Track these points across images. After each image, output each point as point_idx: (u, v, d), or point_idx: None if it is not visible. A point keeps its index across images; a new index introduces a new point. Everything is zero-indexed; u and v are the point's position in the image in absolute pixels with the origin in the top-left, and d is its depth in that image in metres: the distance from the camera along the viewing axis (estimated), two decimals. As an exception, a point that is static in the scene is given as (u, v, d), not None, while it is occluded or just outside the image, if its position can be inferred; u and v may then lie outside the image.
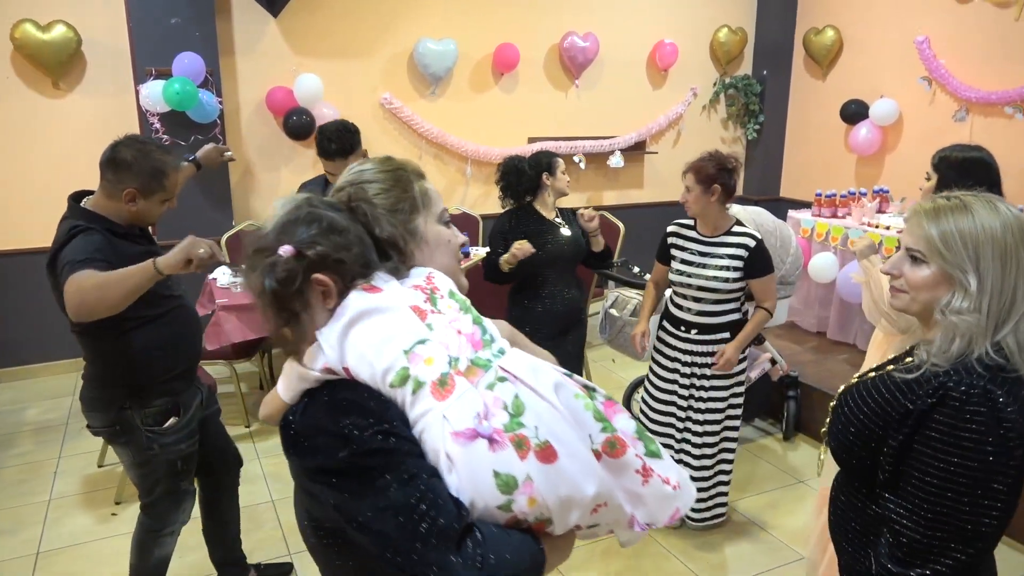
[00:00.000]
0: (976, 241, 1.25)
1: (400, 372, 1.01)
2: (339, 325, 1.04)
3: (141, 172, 2.10)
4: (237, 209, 5.12)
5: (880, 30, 5.82)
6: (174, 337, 2.24)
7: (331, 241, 1.05)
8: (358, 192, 1.18)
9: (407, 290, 1.10)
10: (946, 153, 2.55)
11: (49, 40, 4.41)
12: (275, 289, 1.02)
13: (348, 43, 5.24)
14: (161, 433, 2.22)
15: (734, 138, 6.87)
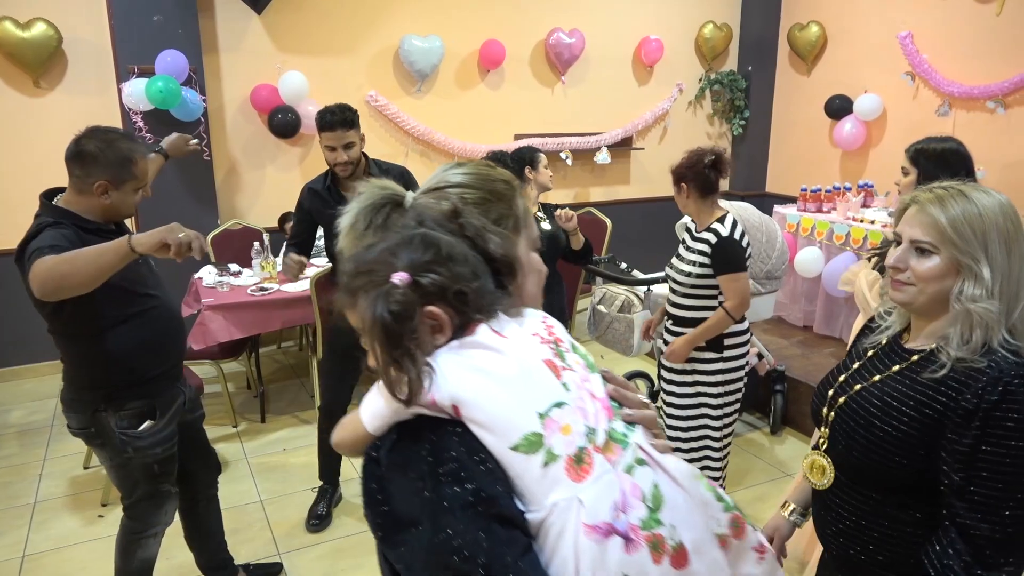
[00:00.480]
0: (983, 227, 1.25)
1: (529, 438, 0.86)
2: (460, 357, 0.90)
3: (109, 163, 2.04)
4: (222, 208, 5.08)
5: (864, 25, 5.86)
6: (151, 338, 2.19)
7: (450, 271, 0.91)
8: (462, 203, 1.01)
9: (532, 338, 0.95)
10: (922, 146, 2.56)
11: (29, 38, 4.35)
12: (388, 322, 0.87)
13: (333, 40, 5.22)
14: (136, 436, 2.18)
15: (720, 134, 6.90)
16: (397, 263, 0.90)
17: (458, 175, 1.05)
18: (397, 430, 0.90)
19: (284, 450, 3.81)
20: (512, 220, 1.05)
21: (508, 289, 0.97)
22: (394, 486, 0.88)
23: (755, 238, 3.71)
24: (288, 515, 3.25)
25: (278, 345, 5.36)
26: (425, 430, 0.88)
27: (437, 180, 1.07)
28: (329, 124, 2.92)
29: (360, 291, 0.91)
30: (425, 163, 5.72)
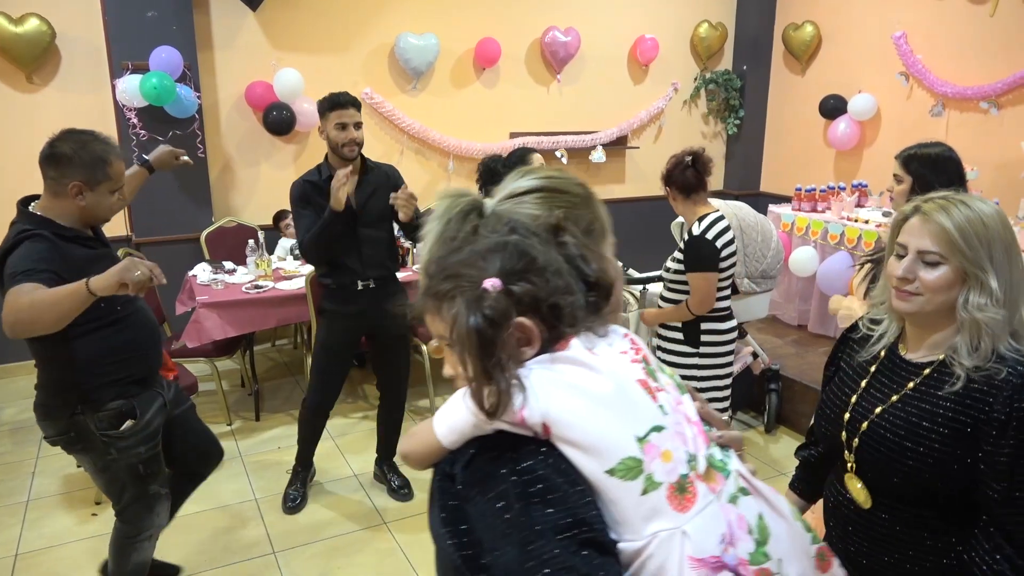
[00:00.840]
0: (988, 236, 1.27)
1: (628, 462, 0.82)
2: (553, 373, 0.84)
3: (83, 163, 2.03)
4: (217, 205, 5.06)
5: (858, 25, 5.87)
6: (126, 343, 2.18)
7: (545, 281, 0.85)
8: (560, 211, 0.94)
9: (621, 356, 0.89)
10: (913, 152, 2.53)
11: (22, 33, 4.32)
12: (483, 329, 0.81)
13: (328, 37, 5.20)
14: (118, 436, 2.16)
15: (714, 133, 6.91)
16: (488, 269, 0.85)
17: (533, 181, 0.98)
18: (475, 445, 0.85)
19: (279, 448, 3.80)
20: (599, 225, 0.99)
21: (600, 307, 0.90)
22: (473, 506, 0.82)
23: (751, 237, 3.72)
24: (283, 514, 3.25)
25: (272, 343, 5.34)
26: (506, 447, 0.83)
27: (513, 187, 0.99)
28: (341, 103, 2.96)
29: (446, 296, 0.85)
30: (420, 161, 5.71)
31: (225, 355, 4.11)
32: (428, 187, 5.78)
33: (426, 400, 4.37)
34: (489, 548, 0.80)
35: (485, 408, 0.81)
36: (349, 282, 3.10)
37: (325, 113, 2.98)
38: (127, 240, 4.76)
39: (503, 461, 0.82)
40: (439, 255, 0.90)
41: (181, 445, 2.46)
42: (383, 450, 3.48)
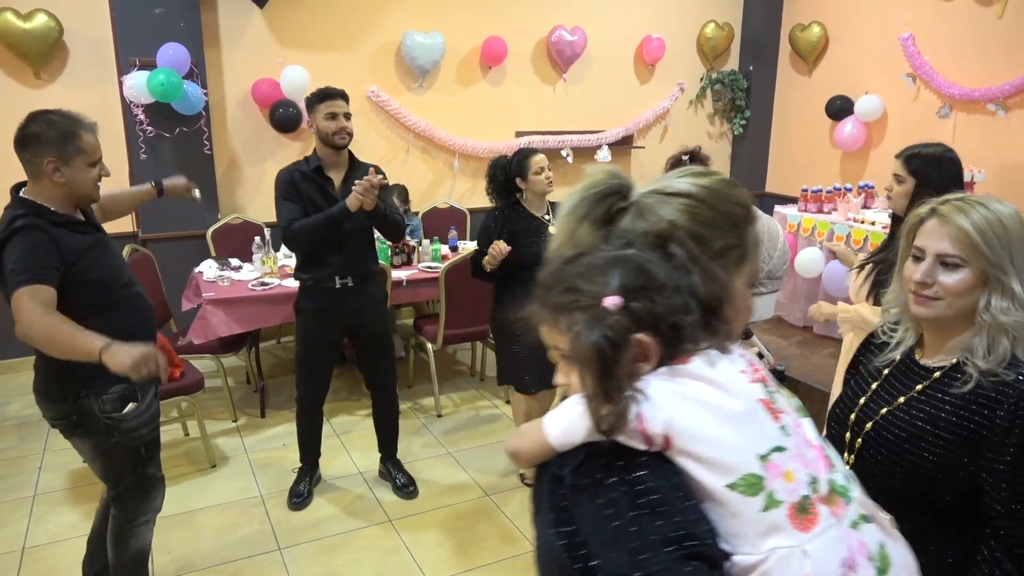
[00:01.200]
0: (1008, 238, 1.25)
1: (749, 479, 0.82)
2: (676, 385, 0.84)
3: (51, 139, 2.03)
4: (223, 202, 5.07)
5: (865, 26, 5.86)
6: (129, 326, 2.18)
7: (665, 299, 0.84)
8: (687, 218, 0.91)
9: (741, 376, 0.88)
10: (916, 151, 2.50)
11: (30, 29, 4.34)
12: (604, 349, 0.81)
13: (335, 35, 5.20)
14: (121, 419, 2.18)
15: (720, 133, 6.90)
16: (609, 285, 0.83)
17: (690, 184, 0.93)
18: (585, 450, 0.84)
19: (284, 445, 3.81)
20: (738, 252, 0.93)
21: (716, 326, 0.88)
22: (581, 511, 0.82)
23: (757, 238, 3.71)
24: (288, 510, 3.25)
25: (278, 340, 5.35)
26: (616, 456, 0.82)
27: (666, 183, 0.95)
28: (330, 94, 3.00)
29: (564, 310, 0.85)
30: (425, 159, 5.71)
31: (231, 352, 4.13)
32: (433, 185, 5.79)
33: (430, 398, 4.37)
34: (597, 552, 0.80)
35: (602, 427, 0.81)
36: (327, 279, 3.10)
37: (314, 105, 3.01)
38: (134, 236, 4.77)
39: (613, 469, 0.82)
40: (556, 266, 0.88)
41: None
42: (384, 449, 3.49)
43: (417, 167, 5.68)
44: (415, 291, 4.34)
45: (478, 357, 4.89)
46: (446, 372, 4.90)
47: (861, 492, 0.92)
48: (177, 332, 4.27)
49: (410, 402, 4.41)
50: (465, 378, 4.86)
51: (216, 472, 3.58)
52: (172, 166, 4.74)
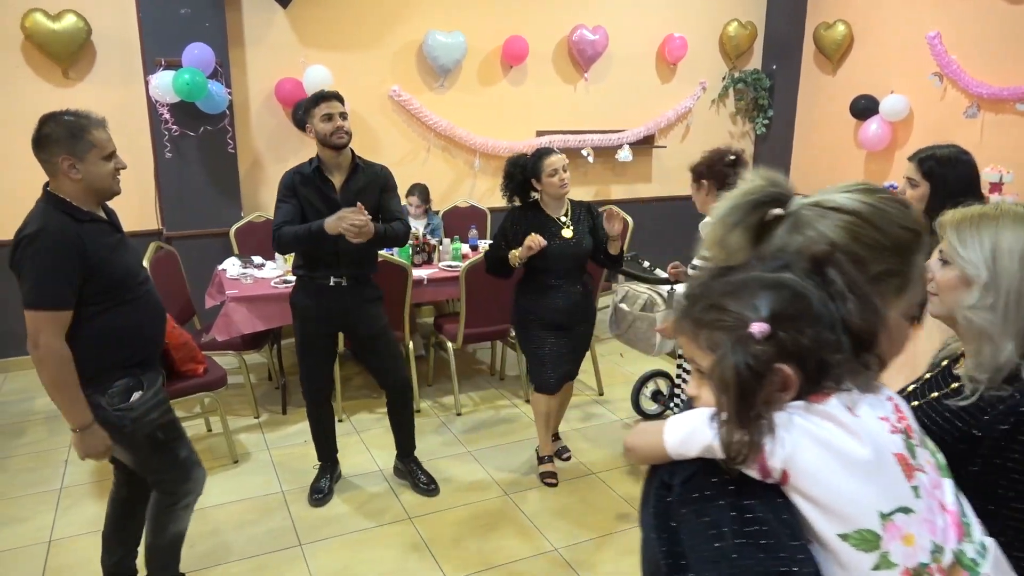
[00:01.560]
0: (995, 241, 1.22)
1: (864, 534, 0.78)
2: (807, 423, 0.80)
3: (62, 137, 2.09)
4: (246, 201, 5.12)
5: (891, 25, 5.79)
6: (133, 325, 2.23)
7: (816, 334, 0.79)
8: (847, 237, 0.85)
9: (881, 423, 0.83)
10: (930, 153, 2.45)
11: (59, 30, 4.41)
12: (745, 376, 0.78)
13: (357, 35, 5.24)
14: (129, 408, 2.22)
15: (742, 133, 6.85)
16: (758, 309, 0.80)
17: (855, 200, 0.88)
18: (698, 464, 0.82)
19: (305, 442, 3.83)
20: (898, 280, 0.88)
21: (867, 361, 0.83)
22: (684, 523, 0.81)
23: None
24: (309, 507, 3.28)
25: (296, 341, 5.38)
26: (729, 478, 0.80)
27: (829, 197, 0.90)
28: (324, 96, 3.03)
29: (707, 326, 0.82)
30: (446, 159, 5.73)
31: (253, 349, 4.16)
32: (453, 185, 5.80)
33: (450, 397, 4.38)
34: (694, 567, 0.79)
35: (731, 453, 0.79)
36: (321, 276, 3.11)
37: (310, 110, 3.02)
38: (158, 234, 4.83)
39: (724, 491, 0.80)
40: (705, 279, 0.86)
41: None
42: (400, 447, 3.50)
43: (438, 166, 5.70)
44: (435, 290, 4.35)
45: (498, 356, 4.89)
46: (466, 371, 4.91)
47: (996, 567, 0.87)
48: (200, 329, 4.33)
49: (430, 400, 4.42)
50: (485, 377, 4.87)
51: (238, 468, 3.61)
52: (197, 164, 4.80)
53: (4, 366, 4.82)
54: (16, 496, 3.34)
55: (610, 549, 3.02)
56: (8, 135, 4.41)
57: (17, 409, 4.27)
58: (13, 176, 4.43)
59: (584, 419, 4.21)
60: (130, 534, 2.60)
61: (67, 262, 2.06)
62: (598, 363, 4.58)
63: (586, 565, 2.91)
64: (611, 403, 4.42)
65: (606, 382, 4.62)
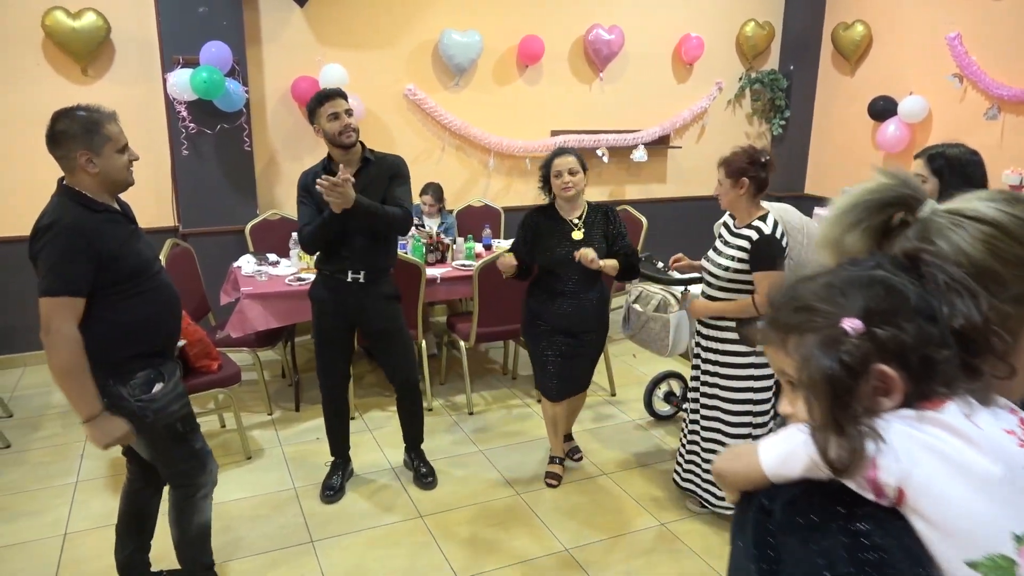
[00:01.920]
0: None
1: (998, 560, 0.71)
2: (922, 435, 0.73)
3: (78, 132, 2.12)
4: (262, 198, 5.15)
5: (910, 25, 5.73)
6: (149, 316, 2.26)
7: (918, 329, 0.73)
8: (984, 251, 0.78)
9: (1007, 436, 0.75)
10: (939, 151, 2.41)
11: (79, 28, 4.45)
12: (837, 376, 0.72)
13: (373, 33, 5.25)
14: (151, 399, 2.25)
15: (759, 133, 6.81)
16: (848, 306, 0.75)
17: (998, 211, 0.79)
18: (800, 486, 0.76)
19: (318, 439, 3.85)
20: None
21: (979, 367, 0.75)
22: (786, 551, 0.75)
23: (796, 239, 3.65)
24: (321, 503, 3.29)
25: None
26: (837, 499, 0.74)
27: (967, 204, 0.82)
28: (328, 95, 3.03)
29: (794, 330, 0.77)
30: (460, 157, 5.73)
31: (267, 346, 4.18)
32: (467, 184, 5.80)
33: (462, 396, 4.38)
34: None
35: (831, 462, 0.72)
36: (339, 272, 3.13)
37: (316, 110, 3.03)
38: (175, 231, 4.86)
39: (832, 515, 0.74)
40: (790, 284, 0.81)
41: None
42: (407, 440, 3.53)
43: (452, 165, 5.71)
44: (449, 289, 4.36)
45: (510, 356, 4.89)
46: (478, 370, 4.91)
47: None
48: (215, 325, 4.35)
49: (442, 399, 4.43)
50: (497, 376, 4.87)
51: (251, 464, 3.64)
52: (213, 162, 4.83)
53: (22, 360, 4.88)
54: (32, 489, 3.38)
55: (621, 550, 3.01)
56: (28, 131, 4.45)
57: (34, 403, 4.31)
58: (33, 172, 4.48)
59: (596, 420, 4.20)
60: (143, 528, 2.62)
61: (82, 251, 2.09)
62: (611, 364, 4.56)
63: (596, 566, 2.90)
64: (624, 404, 4.40)
65: (619, 383, 4.61)
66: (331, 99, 3.02)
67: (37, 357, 4.84)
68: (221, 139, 4.82)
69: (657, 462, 3.71)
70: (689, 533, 3.12)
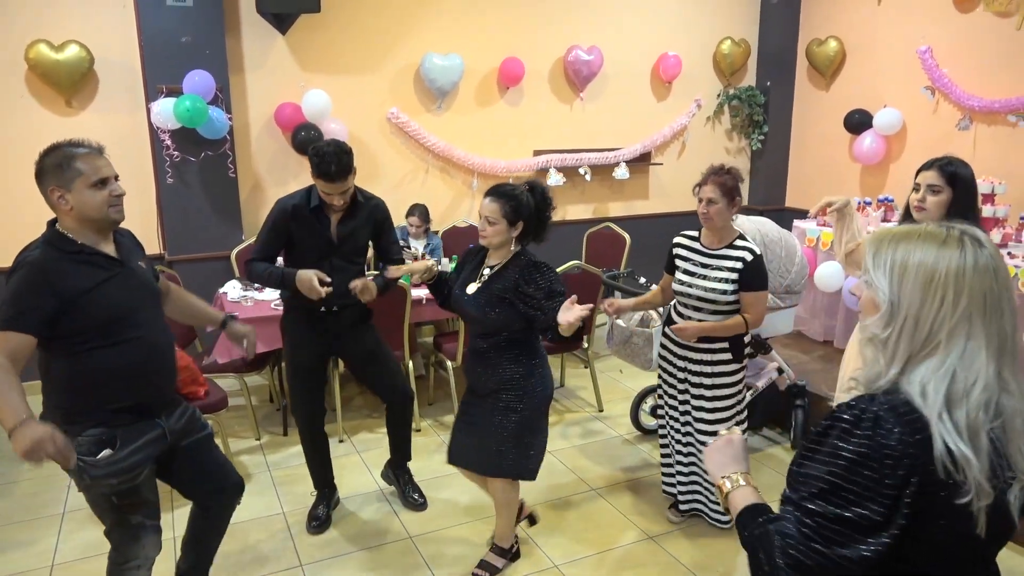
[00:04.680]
0: (904, 264, 1.16)
1: None
2: None
3: (50, 168, 2.06)
4: (247, 223, 5.17)
5: (882, 40, 5.86)
6: (123, 370, 2.12)
7: None
8: None
9: None
10: (948, 160, 2.46)
11: (62, 60, 4.48)
12: None
13: (355, 59, 5.31)
14: (92, 464, 2.08)
15: (738, 148, 6.91)
16: None
17: None
18: None
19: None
20: None
21: None
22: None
23: (774, 253, 3.71)
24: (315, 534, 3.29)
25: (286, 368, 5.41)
26: None
27: None
28: (329, 175, 2.90)
29: None
30: (445, 179, 5.79)
31: (254, 371, 4.19)
32: (452, 205, 5.85)
33: (450, 416, 4.40)
34: None
35: None
36: (314, 305, 3.05)
37: (315, 176, 2.95)
38: (160, 258, 4.88)
39: None
40: None
41: (189, 477, 2.40)
42: (396, 455, 3.51)
43: (436, 187, 5.76)
44: (435, 309, 4.37)
45: (498, 374, 4.91)
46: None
47: None
48: (202, 351, 4.36)
49: (430, 419, 4.44)
50: (485, 395, 4.88)
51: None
52: (198, 189, 4.86)
53: (8, 392, 4.84)
54: (20, 520, 3.36)
55: (610, 565, 3.03)
56: (12, 165, 4.47)
57: (21, 434, 4.29)
58: (16, 207, 4.49)
59: (584, 436, 4.22)
60: (203, 540, 2.56)
61: (36, 291, 2.00)
62: (597, 379, 4.59)
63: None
64: (611, 419, 4.43)
65: (605, 398, 4.63)
66: (330, 181, 2.91)
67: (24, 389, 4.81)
68: (205, 166, 4.85)
69: (645, 476, 3.73)
70: (678, 546, 3.14)
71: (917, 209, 2.51)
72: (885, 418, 1.11)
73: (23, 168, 2.14)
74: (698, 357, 3.03)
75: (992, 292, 1.12)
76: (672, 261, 3.11)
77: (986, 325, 1.12)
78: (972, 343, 1.12)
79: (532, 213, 2.66)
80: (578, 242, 5.91)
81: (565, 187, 6.05)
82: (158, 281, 2.37)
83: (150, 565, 2.35)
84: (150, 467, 2.24)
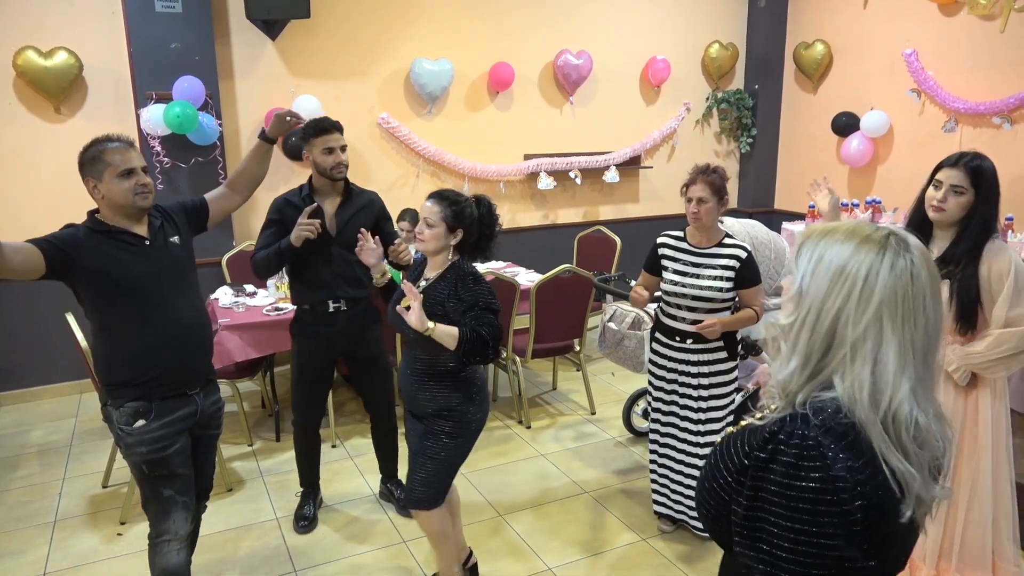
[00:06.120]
0: (821, 256, 1.13)
1: None
2: None
3: (84, 163, 2.27)
4: (237, 229, 5.16)
5: (868, 43, 5.92)
6: (147, 345, 2.28)
7: None
8: None
9: None
10: (974, 158, 2.33)
11: (51, 66, 4.47)
12: None
13: (345, 64, 5.32)
14: (128, 432, 2.28)
15: (727, 152, 6.95)
16: None
17: None
18: None
19: (299, 468, 3.85)
20: None
21: None
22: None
23: (763, 255, 3.74)
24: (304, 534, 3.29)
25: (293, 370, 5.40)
26: None
27: None
28: (326, 128, 3.03)
29: None
30: (435, 183, 5.80)
31: (246, 376, 4.19)
32: (444, 209, 5.86)
33: (443, 420, 4.40)
34: None
35: None
36: (320, 303, 3.13)
37: (310, 139, 3.04)
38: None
39: None
40: None
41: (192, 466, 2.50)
42: (384, 469, 3.54)
43: (427, 191, 5.69)
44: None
45: (490, 377, 4.92)
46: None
47: None
48: (194, 358, 4.34)
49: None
50: (478, 399, 4.89)
51: (232, 495, 3.62)
52: (188, 195, 4.84)
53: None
54: (11, 530, 3.35)
55: (605, 568, 3.04)
56: (1, 170, 4.45)
57: (11, 443, 4.27)
58: (5, 213, 4.48)
59: (577, 439, 4.23)
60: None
61: (64, 234, 2.23)
62: (589, 382, 4.61)
63: (580, 584, 2.92)
64: (604, 422, 4.45)
65: (598, 401, 4.65)
66: (329, 133, 3.02)
67: (12, 396, 4.79)
68: (196, 172, 4.84)
69: (638, 478, 3.75)
70: (672, 548, 3.16)
71: (936, 209, 2.38)
72: (825, 444, 1.04)
73: (12, 174, 2.17)
74: (696, 358, 3.02)
75: (907, 297, 1.06)
76: (657, 261, 3.09)
77: (897, 331, 1.06)
78: (885, 349, 1.06)
79: (475, 224, 2.55)
80: (569, 246, 5.94)
81: (555, 191, 6.07)
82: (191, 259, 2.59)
83: (181, 542, 2.42)
84: (182, 441, 2.38)
